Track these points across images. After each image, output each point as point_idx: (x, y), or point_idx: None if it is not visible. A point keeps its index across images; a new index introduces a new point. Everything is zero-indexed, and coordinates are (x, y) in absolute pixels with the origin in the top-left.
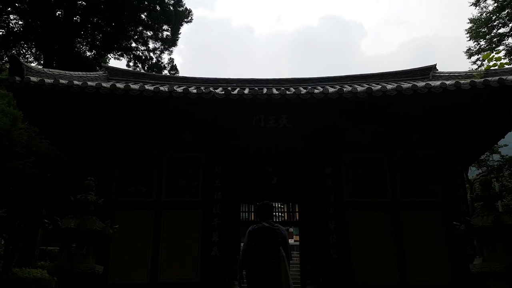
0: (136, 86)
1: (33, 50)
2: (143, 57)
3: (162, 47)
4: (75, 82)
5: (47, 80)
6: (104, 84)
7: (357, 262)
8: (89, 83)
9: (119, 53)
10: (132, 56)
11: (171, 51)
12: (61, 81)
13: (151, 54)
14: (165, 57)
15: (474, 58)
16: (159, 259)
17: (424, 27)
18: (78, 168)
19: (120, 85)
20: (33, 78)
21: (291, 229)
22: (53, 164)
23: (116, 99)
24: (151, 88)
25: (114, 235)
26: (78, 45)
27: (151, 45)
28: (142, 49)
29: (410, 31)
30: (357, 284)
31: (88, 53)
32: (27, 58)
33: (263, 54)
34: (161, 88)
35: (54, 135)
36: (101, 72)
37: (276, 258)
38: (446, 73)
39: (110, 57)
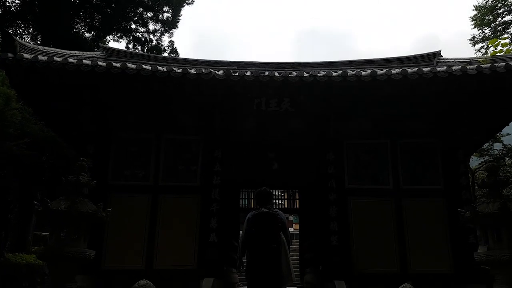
0: (133, 65)
1: (30, 30)
2: (143, 39)
3: (163, 29)
4: (70, 60)
5: (41, 57)
6: (100, 63)
7: (358, 249)
8: (85, 61)
9: (119, 34)
10: (131, 38)
11: (172, 34)
12: (56, 58)
13: (151, 36)
14: (165, 40)
15: (478, 46)
16: (155, 245)
17: (428, 19)
18: (73, 150)
19: (116, 64)
20: (26, 55)
21: (290, 217)
22: (48, 146)
23: (112, 78)
24: (149, 67)
25: (107, 218)
26: (76, 26)
27: (151, 27)
28: (142, 30)
29: (414, 24)
30: (357, 272)
31: (86, 34)
32: (24, 38)
33: (266, 43)
34: (159, 67)
35: (49, 116)
36: (98, 52)
37: (276, 243)
38: (451, 59)
39: (109, 39)
